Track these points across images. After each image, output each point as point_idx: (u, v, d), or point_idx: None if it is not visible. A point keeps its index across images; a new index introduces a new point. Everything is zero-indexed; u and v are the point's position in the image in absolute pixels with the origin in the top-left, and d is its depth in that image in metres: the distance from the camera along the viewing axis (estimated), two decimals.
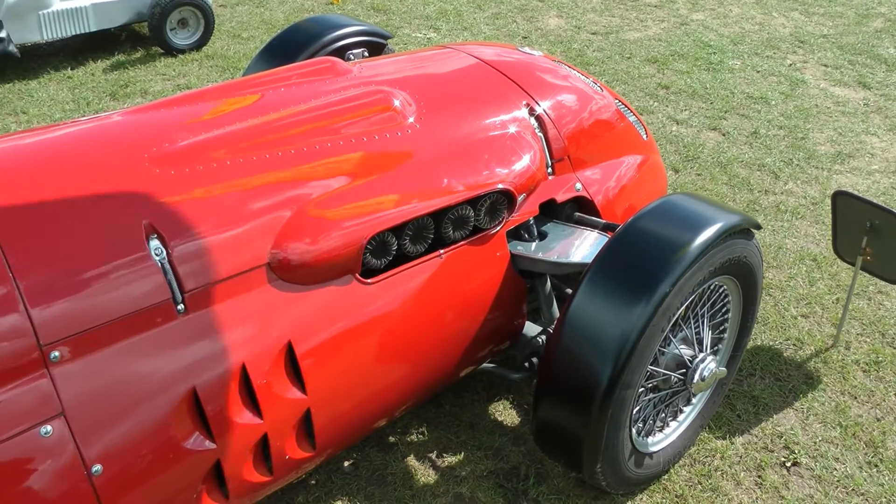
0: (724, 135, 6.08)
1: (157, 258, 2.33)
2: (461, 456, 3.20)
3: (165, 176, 2.49)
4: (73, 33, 7.22)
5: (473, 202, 2.85)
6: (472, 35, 7.78)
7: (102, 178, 2.47)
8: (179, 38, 7.50)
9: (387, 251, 2.68)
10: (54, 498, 2.16)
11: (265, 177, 2.58)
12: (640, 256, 2.71)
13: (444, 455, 3.21)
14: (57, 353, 2.16)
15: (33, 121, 6.40)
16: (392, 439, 3.30)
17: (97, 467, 2.19)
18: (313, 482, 3.13)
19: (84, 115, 6.37)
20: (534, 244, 3.10)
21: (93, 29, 7.31)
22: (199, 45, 7.60)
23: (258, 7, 8.80)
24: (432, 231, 2.77)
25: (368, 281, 2.63)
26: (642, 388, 2.87)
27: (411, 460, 3.20)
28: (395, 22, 8.12)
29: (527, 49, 3.67)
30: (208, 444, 2.35)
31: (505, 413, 3.40)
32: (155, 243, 2.35)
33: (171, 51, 7.46)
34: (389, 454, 3.23)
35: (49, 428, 2.13)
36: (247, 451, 2.44)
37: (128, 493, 2.27)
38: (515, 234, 3.12)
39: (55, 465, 2.15)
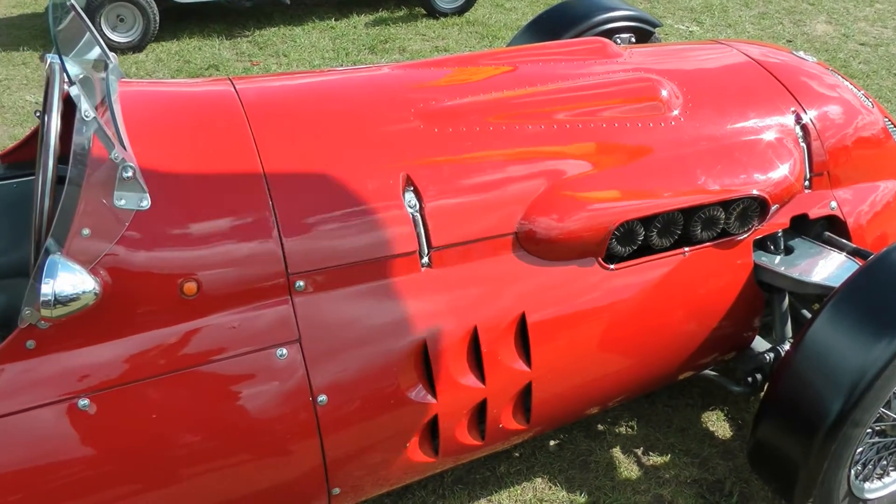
0: None
1: (411, 210, 2.39)
2: (667, 458, 3.14)
3: (429, 132, 2.55)
4: None
5: (725, 205, 2.77)
6: (736, 33, 7.54)
7: (369, 125, 2.56)
8: (443, 1, 7.62)
9: (633, 240, 2.64)
10: (277, 417, 2.27)
11: (523, 148, 2.60)
12: (893, 291, 2.56)
13: (650, 453, 3.15)
14: (302, 283, 2.25)
15: (293, 64, 6.69)
16: (600, 427, 3.27)
17: (322, 397, 2.27)
18: (517, 455, 3.15)
19: (342, 65, 6.62)
20: (778, 257, 2.98)
21: None
22: (461, 10, 7.70)
23: None
24: (680, 227, 2.71)
25: (611, 267, 2.60)
26: (870, 430, 2.71)
27: (616, 452, 3.16)
28: (659, 11, 7.97)
29: (801, 54, 3.51)
30: (430, 399, 2.39)
31: (717, 424, 3.30)
32: (410, 195, 2.41)
33: (434, 13, 7.61)
34: (596, 441, 3.21)
35: (284, 351, 2.23)
36: (464, 412, 2.47)
37: (346, 429, 2.35)
38: (761, 245, 3.00)
39: (284, 387, 2.26)
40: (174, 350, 2.19)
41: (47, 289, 1.94)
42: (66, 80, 2.20)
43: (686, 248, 2.74)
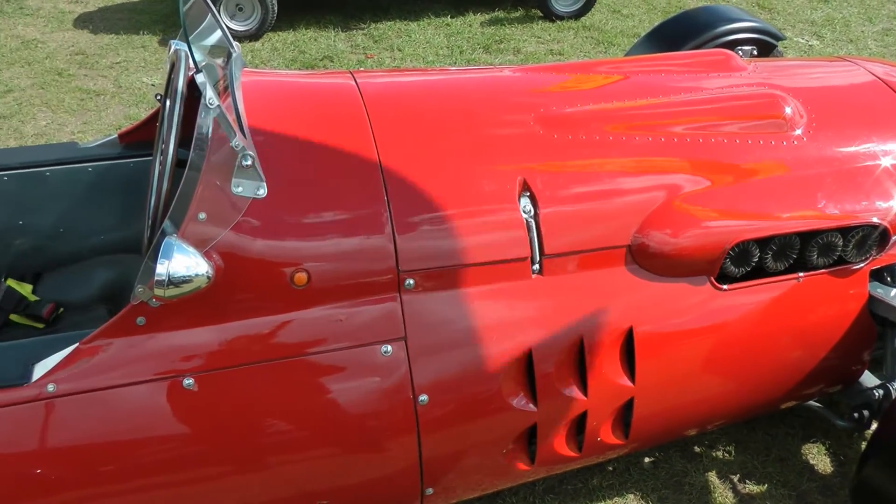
0: None
1: (525, 215, 2.36)
2: (763, 488, 3.05)
3: (547, 138, 2.52)
4: None
5: (844, 231, 2.67)
6: (857, 49, 7.30)
7: (488, 127, 2.56)
8: (560, 4, 7.55)
9: (747, 261, 2.57)
10: (376, 413, 2.27)
11: (640, 159, 2.55)
12: None
13: (747, 481, 3.07)
14: (411, 281, 2.25)
15: (407, 59, 6.73)
16: (697, 449, 3.20)
17: (423, 397, 2.27)
18: (610, 469, 3.11)
19: (455, 62, 6.63)
20: (894, 290, 2.87)
21: None
22: (578, 15, 7.62)
23: None
24: (796, 251, 2.63)
25: (723, 287, 2.54)
26: None
27: (712, 476, 3.09)
28: (779, 23, 7.78)
29: None
30: (530, 407, 2.37)
31: (818, 458, 3.20)
32: (525, 200, 2.39)
33: (550, 15, 7.54)
34: (692, 463, 3.14)
35: (389, 348, 2.23)
36: (564, 423, 2.45)
37: (445, 429, 2.34)
38: (877, 275, 2.90)
39: (385, 383, 2.26)
40: (280, 338, 2.21)
41: (162, 269, 1.98)
42: (193, 67, 2.24)
43: (800, 274, 2.65)
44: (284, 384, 2.22)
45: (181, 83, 2.37)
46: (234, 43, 2.69)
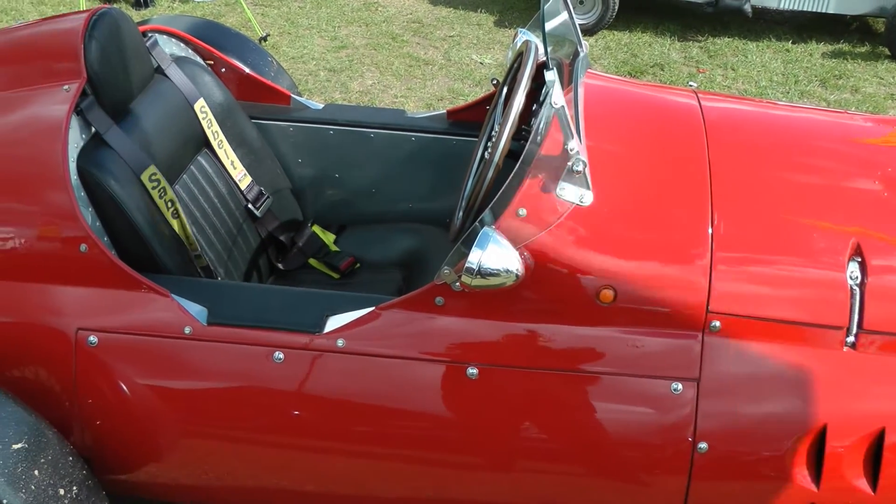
0: None
1: (851, 282, 2.16)
2: None
3: (891, 202, 2.31)
4: (810, 9, 7.08)
5: None
6: None
7: (829, 176, 2.38)
8: None
9: None
10: (649, 446, 2.17)
11: None
12: None
13: None
14: (717, 324, 2.12)
15: (740, 80, 6.47)
16: None
17: (703, 444, 2.13)
18: None
19: (788, 91, 6.31)
20: None
21: (830, 11, 7.07)
22: None
23: None
24: None
25: None
26: None
27: None
28: None
29: None
30: (811, 486, 2.15)
31: None
32: (854, 266, 2.18)
33: None
34: None
35: (679, 386, 2.11)
36: None
37: (717, 482, 2.20)
38: None
39: (666, 420, 2.14)
40: (571, 350, 2.16)
41: (474, 258, 1.97)
42: (545, 62, 2.21)
43: None
44: (562, 395, 2.17)
45: (527, 76, 2.35)
46: (584, 41, 2.64)
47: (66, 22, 2.60)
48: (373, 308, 2.22)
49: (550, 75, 2.04)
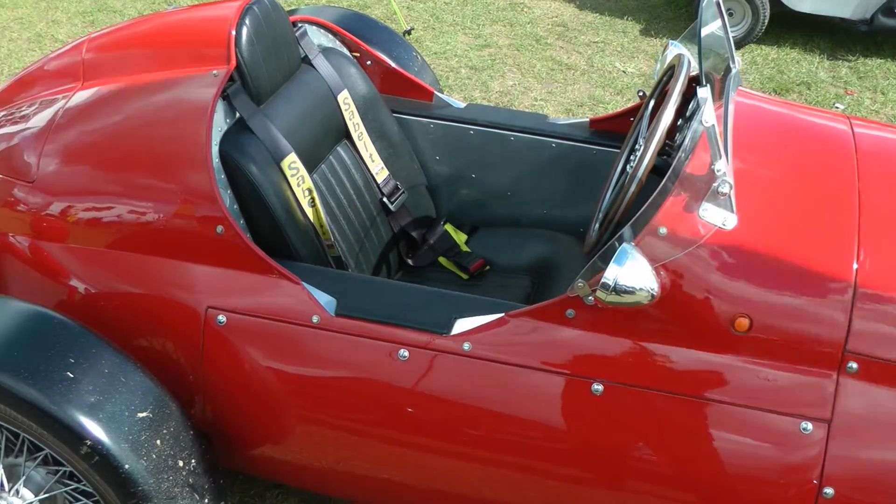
0: None
1: None
2: None
3: None
4: None
5: None
6: None
7: None
8: None
9: None
10: (771, 485, 2.10)
11: None
12: None
13: None
14: (854, 365, 2.03)
15: (888, 104, 6.20)
16: None
17: (829, 490, 2.05)
18: None
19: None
20: None
21: None
22: None
23: None
24: None
25: None
26: None
27: None
28: None
29: None
30: None
31: None
32: None
33: None
34: None
35: (809, 426, 2.04)
36: None
37: None
38: None
39: (791, 459, 2.07)
40: (699, 376, 2.11)
41: (611, 274, 1.94)
42: (697, 77, 2.15)
43: None
44: (684, 421, 2.12)
45: (678, 91, 2.29)
46: (737, 58, 2.57)
47: (220, 9, 2.67)
48: (502, 315, 2.21)
49: (704, 92, 1.99)
